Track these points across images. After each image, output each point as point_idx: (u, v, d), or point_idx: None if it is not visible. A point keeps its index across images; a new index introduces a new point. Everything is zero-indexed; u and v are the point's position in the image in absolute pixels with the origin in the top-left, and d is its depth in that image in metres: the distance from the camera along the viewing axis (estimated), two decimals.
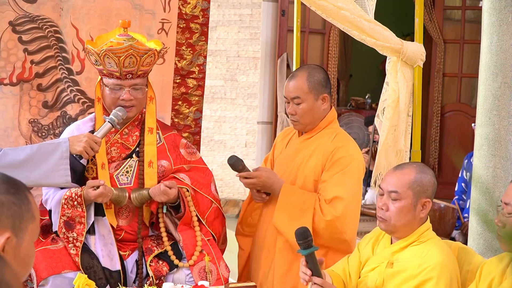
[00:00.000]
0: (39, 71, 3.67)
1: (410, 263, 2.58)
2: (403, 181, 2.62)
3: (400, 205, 2.61)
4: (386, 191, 2.64)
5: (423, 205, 2.62)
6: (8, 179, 1.56)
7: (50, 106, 3.70)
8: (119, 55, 3.06)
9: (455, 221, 5.48)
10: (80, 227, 3.07)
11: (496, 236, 2.51)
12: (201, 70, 3.89)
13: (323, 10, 3.10)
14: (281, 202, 3.21)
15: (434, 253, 2.56)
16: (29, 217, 1.56)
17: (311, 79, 3.26)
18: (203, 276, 3.12)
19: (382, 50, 3.19)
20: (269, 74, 7.42)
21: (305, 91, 3.25)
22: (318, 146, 3.26)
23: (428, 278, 2.51)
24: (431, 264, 2.52)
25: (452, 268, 2.55)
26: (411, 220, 2.62)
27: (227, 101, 7.59)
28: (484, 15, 3.87)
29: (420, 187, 2.61)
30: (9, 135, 3.65)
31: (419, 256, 2.57)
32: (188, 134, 3.88)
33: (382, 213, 2.65)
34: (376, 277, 2.66)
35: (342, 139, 3.25)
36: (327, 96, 3.28)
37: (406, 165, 2.74)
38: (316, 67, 3.39)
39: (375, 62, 9.41)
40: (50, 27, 3.66)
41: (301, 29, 4.25)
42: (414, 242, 2.63)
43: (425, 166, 2.74)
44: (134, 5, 3.77)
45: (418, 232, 2.63)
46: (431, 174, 2.67)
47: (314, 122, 3.29)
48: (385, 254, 2.69)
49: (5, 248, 1.50)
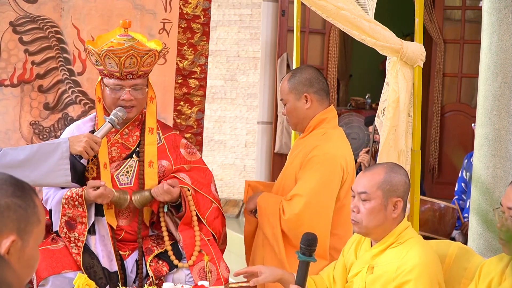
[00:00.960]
0: (40, 72, 3.66)
1: (388, 266, 2.55)
2: (372, 182, 2.59)
3: (370, 206, 2.57)
4: (356, 193, 2.62)
5: (395, 205, 2.58)
6: (15, 182, 1.56)
7: (51, 108, 3.69)
8: (119, 55, 3.06)
9: (455, 221, 5.49)
10: (81, 227, 3.08)
11: (498, 240, 2.48)
12: (202, 70, 3.88)
13: (323, 10, 3.10)
14: (259, 212, 3.28)
15: (413, 254, 2.51)
16: (34, 220, 1.56)
17: (292, 80, 3.31)
18: (203, 276, 3.12)
19: (382, 50, 3.19)
20: (269, 74, 7.42)
21: (286, 92, 3.32)
22: (305, 146, 3.28)
23: (406, 281, 2.47)
24: (408, 266, 2.48)
25: (432, 269, 2.51)
26: (383, 220, 2.58)
27: (227, 101, 7.59)
28: (484, 15, 3.87)
29: (390, 186, 2.58)
30: (10, 137, 3.63)
31: (398, 258, 2.53)
32: (191, 135, 3.87)
33: (354, 216, 2.62)
34: (359, 282, 2.63)
35: (323, 138, 3.25)
36: (309, 95, 3.29)
37: (376, 165, 2.71)
38: (304, 67, 3.43)
39: (375, 62, 9.41)
40: (51, 27, 3.65)
41: (301, 29, 4.25)
42: (393, 244, 2.59)
43: (396, 165, 2.71)
44: (135, 5, 3.76)
45: (395, 232, 2.59)
46: (402, 174, 2.64)
47: (301, 122, 3.33)
48: (366, 258, 2.65)
49: (10, 250, 1.50)
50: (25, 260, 1.55)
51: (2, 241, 1.50)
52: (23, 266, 1.54)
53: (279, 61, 7.34)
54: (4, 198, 1.52)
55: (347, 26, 3.10)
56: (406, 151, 3.24)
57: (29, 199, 1.56)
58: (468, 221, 4.57)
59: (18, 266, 1.51)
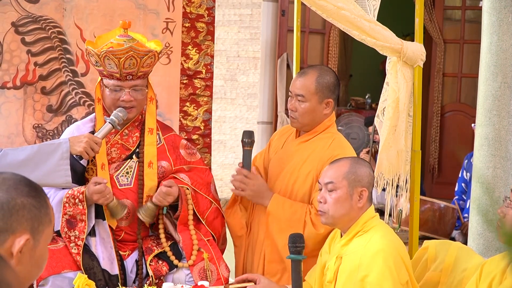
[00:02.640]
0: (43, 74, 3.62)
1: (354, 254, 2.63)
2: (338, 172, 2.71)
3: (337, 195, 2.68)
4: (323, 184, 2.73)
5: (360, 195, 2.69)
6: (29, 182, 1.60)
7: (54, 110, 3.65)
8: (119, 56, 3.05)
9: (455, 221, 5.49)
10: (81, 224, 3.07)
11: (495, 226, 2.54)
12: (208, 70, 3.82)
13: (323, 10, 3.09)
14: (272, 214, 3.19)
15: (375, 240, 2.61)
16: (46, 221, 1.60)
17: (320, 81, 3.22)
18: (203, 276, 3.12)
19: (382, 50, 3.19)
20: (269, 74, 7.42)
21: (311, 91, 3.21)
22: (314, 151, 3.23)
23: (371, 268, 2.54)
24: (371, 253, 2.57)
25: (395, 252, 2.58)
26: (349, 210, 2.68)
27: (227, 101, 7.59)
28: (484, 15, 3.87)
29: (354, 176, 2.69)
30: (13, 141, 3.59)
31: (362, 246, 2.62)
32: (198, 137, 3.81)
33: (321, 206, 2.72)
34: (329, 274, 2.71)
35: (339, 146, 3.21)
36: (331, 101, 3.24)
37: (342, 158, 2.84)
38: (328, 70, 3.36)
39: (375, 62, 9.41)
40: (53, 28, 3.62)
41: (301, 29, 4.24)
42: (358, 233, 2.68)
43: (361, 159, 2.89)
44: (138, 4, 3.73)
45: (361, 221, 2.69)
46: (367, 166, 2.77)
47: (312, 124, 3.26)
48: (336, 249, 2.74)
49: (23, 249, 1.54)
50: (35, 259, 1.58)
51: (16, 240, 1.54)
52: (33, 265, 1.58)
53: (279, 61, 7.34)
54: (20, 198, 1.56)
55: (347, 26, 3.10)
56: (406, 151, 3.24)
57: (43, 200, 1.60)
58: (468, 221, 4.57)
59: (29, 265, 1.55)
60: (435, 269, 2.80)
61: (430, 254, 2.85)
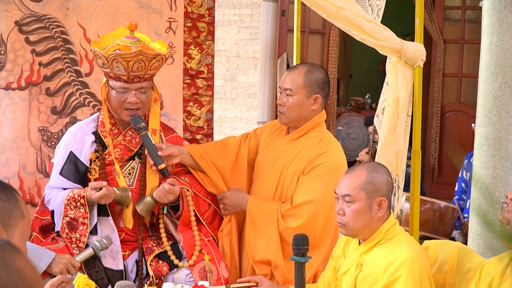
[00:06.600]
0: (47, 74, 3.60)
1: (377, 263, 2.56)
2: (354, 183, 2.58)
3: (355, 207, 2.57)
4: (340, 196, 2.62)
5: (379, 204, 2.58)
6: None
7: (58, 112, 3.63)
8: (128, 60, 3.04)
9: (455, 221, 5.50)
10: (83, 228, 3.08)
11: (499, 233, 2.49)
12: (209, 70, 3.84)
13: (323, 10, 3.09)
14: (249, 217, 3.24)
15: (401, 250, 2.53)
16: (18, 214, 1.60)
17: (309, 75, 3.25)
18: (203, 276, 3.12)
19: (382, 50, 3.19)
20: (269, 74, 7.43)
21: (299, 85, 3.24)
22: (302, 150, 3.25)
23: (396, 277, 2.48)
24: (398, 262, 2.49)
25: (421, 263, 2.52)
26: (369, 221, 2.58)
27: (227, 101, 7.59)
28: (484, 15, 3.88)
29: (372, 187, 2.57)
30: (18, 146, 3.56)
31: (386, 255, 2.54)
32: (202, 136, 3.83)
33: (340, 218, 2.62)
34: (348, 280, 2.64)
35: (326, 145, 3.23)
36: (319, 97, 3.27)
37: (358, 166, 2.70)
38: (319, 67, 3.39)
39: (375, 62, 9.43)
40: (57, 27, 3.60)
41: (301, 29, 4.24)
42: (380, 241, 2.60)
43: (378, 165, 2.70)
44: (141, 4, 3.72)
45: (382, 230, 2.60)
46: (384, 172, 2.63)
47: (299, 120, 3.28)
48: (354, 256, 2.66)
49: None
50: None
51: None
52: None
53: (279, 61, 7.34)
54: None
55: (348, 26, 3.10)
56: (404, 151, 3.24)
57: (11, 194, 1.60)
58: (468, 221, 4.58)
59: None
60: (439, 270, 2.78)
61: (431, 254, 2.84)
